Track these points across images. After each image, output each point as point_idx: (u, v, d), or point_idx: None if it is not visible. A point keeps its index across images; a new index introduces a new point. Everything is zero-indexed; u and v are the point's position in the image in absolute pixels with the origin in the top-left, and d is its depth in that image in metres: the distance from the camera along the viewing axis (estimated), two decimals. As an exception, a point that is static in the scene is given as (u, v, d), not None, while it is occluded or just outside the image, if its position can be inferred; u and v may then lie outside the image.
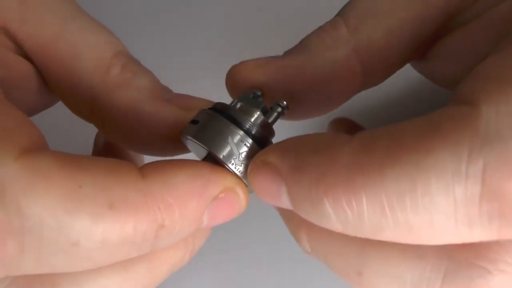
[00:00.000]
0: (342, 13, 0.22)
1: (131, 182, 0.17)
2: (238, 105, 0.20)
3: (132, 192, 0.17)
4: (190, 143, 0.20)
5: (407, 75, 0.27)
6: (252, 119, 0.20)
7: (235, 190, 0.19)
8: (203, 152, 0.20)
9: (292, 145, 0.18)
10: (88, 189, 0.17)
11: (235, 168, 0.19)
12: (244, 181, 0.19)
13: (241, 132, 0.19)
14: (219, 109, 0.20)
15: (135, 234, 0.17)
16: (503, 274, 0.16)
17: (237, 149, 0.19)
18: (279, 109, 0.21)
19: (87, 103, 0.22)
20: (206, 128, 0.19)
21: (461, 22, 0.21)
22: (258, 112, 0.20)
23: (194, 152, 0.22)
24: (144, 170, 0.18)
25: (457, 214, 0.14)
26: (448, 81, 0.23)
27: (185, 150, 0.22)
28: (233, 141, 0.19)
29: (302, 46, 0.22)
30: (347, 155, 0.16)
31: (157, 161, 0.19)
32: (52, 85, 0.23)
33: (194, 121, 0.20)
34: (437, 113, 0.15)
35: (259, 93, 0.21)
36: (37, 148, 0.17)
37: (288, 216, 0.20)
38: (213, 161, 0.19)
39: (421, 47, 0.22)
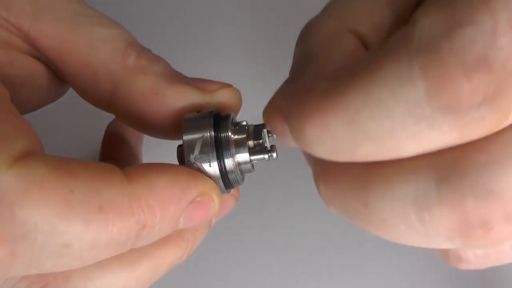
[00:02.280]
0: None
1: (118, 186, 0.18)
2: (242, 125, 0.21)
3: (119, 196, 0.18)
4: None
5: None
6: (238, 159, 0.21)
7: (210, 194, 0.20)
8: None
9: (287, 90, 0.20)
10: (79, 194, 0.17)
11: (187, 163, 0.21)
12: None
13: (217, 169, 0.20)
14: (220, 117, 0.21)
15: (120, 235, 0.18)
16: (495, 164, 0.16)
17: (198, 151, 0.20)
18: (267, 156, 0.21)
19: (106, 93, 0.23)
20: (196, 121, 0.21)
21: None
22: (247, 154, 0.21)
23: None
24: (129, 174, 0.19)
25: (413, 116, 0.15)
26: None
27: None
28: (200, 143, 0.20)
29: (313, 63, 0.21)
30: (319, 86, 0.17)
31: (139, 165, 0.20)
32: (69, 78, 0.24)
33: (197, 118, 0.21)
34: (386, 40, 0.16)
35: (272, 135, 0.22)
36: (30, 154, 0.18)
37: (309, 163, 0.20)
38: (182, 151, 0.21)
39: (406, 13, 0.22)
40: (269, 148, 0.22)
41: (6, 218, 0.16)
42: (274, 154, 0.21)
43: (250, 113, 0.24)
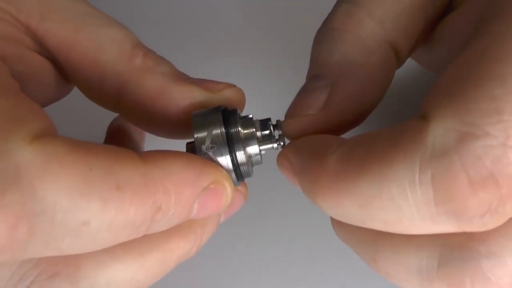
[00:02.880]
0: (357, 3, 0.22)
1: (135, 166, 0.19)
2: (248, 120, 0.22)
3: (136, 176, 0.18)
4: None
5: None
6: (249, 151, 0.22)
7: (223, 183, 0.21)
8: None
9: (302, 145, 0.21)
10: (98, 172, 0.18)
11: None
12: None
13: (230, 163, 0.21)
14: (227, 112, 0.22)
15: (137, 215, 0.18)
16: (494, 255, 0.17)
17: (209, 143, 0.21)
18: (275, 145, 0.22)
19: (113, 93, 0.23)
20: (205, 117, 0.21)
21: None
22: (256, 147, 0.22)
23: None
24: (144, 157, 0.19)
25: (420, 213, 0.17)
26: (440, 67, 0.25)
27: None
28: (210, 137, 0.21)
29: (342, 64, 0.22)
30: (333, 163, 0.19)
31: (155, 150, 0.20)
32: (75, 78, 0.24)
33: (205, 115, 0.22)
34: (400, 126, 0.18)
35: (280, 124, 0.23)
36: (49, 134, 0.18)
37: None
38: (193, 146, 0.21)
39: (431, 26, 0.24)
40: (277, 138, 0.22)
41: (26, 194, 0.16)
42: (282, 143, 0.22)
43: (253, 113, 0.24)
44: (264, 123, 0.22)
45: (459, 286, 0.18)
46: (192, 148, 0.22)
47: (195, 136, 0.21)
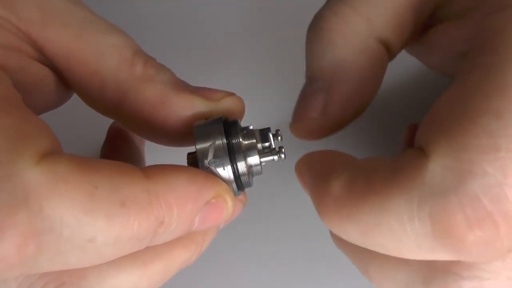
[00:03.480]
0: (344, 1, 0.23)
1: (138, 182, 0.19)
2: (249, 130, 0.22)
3: (140, 192, 0.19)
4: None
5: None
6: (250, 162, 0.22)
7: (224, 197, 0.21)
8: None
9: (311, 161, 0.22)
10: (103, 190, 0.18)
11: (202, 169, 0.21)
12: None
13: (231, 173, 0.21)
14: (229, 123, 0.22)
15: (140, 230, 0.19)
16: (476, 279, 0.18)
17: (212, 156, 0.21)
18: (276, 157, 0.23)
19: (114, 101, 0.23)
20: (206, 128, 0.22)
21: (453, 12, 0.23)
22: (257, 157, 0.22)
23: None
24: (147, 172, 0.20)
25: (418, 244, 0.17)
26: (436, 66, 0.26)
27: None
28: (213, 149, 0.21)
29: (335, 66, 0.23)
30: (336, 189, 0.19)
31: (157, 165, 0.21)
32: (76, 86, 0.24)
33: (206, 126, 0.22)
34: (400, 159, 0.18)
35: (280, 132, 0.23)
36: (54, 152, 0.18)
37: None
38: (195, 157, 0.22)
39: (422, 22, 0.24)
40: (277, 150, 0.23)
41: (34, 213, 0.17)
42: (283, 155, 0.23)
43: (253, 118, 0.25)
44: (265, 134, 0.23)
45: None
46: (194, 160, 0.22)
47: (197, 148, 0.21)
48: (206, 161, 0.21)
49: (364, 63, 0.23)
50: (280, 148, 0.23)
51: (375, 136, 0.33)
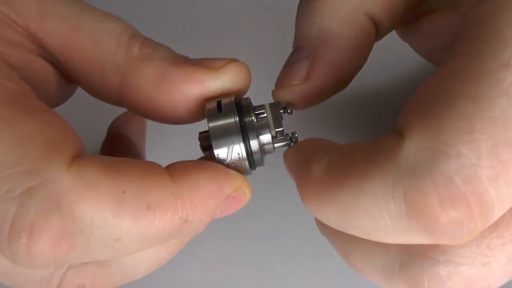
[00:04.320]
0: None
1: (164, 185, 0.20)
2: (261, 111, 0.23)
3: (165, 195, 0.20)
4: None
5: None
6: (262, 140, 0.23)
7: (243, 190, 0.22)
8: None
9: (298, 148, 0.22)
10: (130, 194, 0.19)
11: (215, 149, 0.22)
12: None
13: (243, 151, 0.22)
14: (241, 103, 0.23)
15: (165, 229, 0.20)
16: (451, 264, 0.19)
17: (230, 157, 0.22)
18: (288, 140, 0.23)
19: (115, 86, 0.23)
20: (220, 126, 0.22)
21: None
22: (269, 136, 0.23)
23: None
24: (172, 173, 0.21)
25: (394, 225, 0.18)
26: (426, 54, 0.27)
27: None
28: (232, 150, 0.22)
29: (321, 35, 0.23)
30: (317, 172, 0.20)
31: (180, 163, 0.21)
32: (77, 77, 0.24)
33: (219, 105, 0.22)
34: (378, 142, 0.19)
35: (290, 110, 0.24)
36: (80, 155, 0.19)
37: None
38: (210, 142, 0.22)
39: (412, 7, 0.25)
40: (290, 136, 0.23)
41: (67, 216, 0.18)
42: (296, 135, 0.23)
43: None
44: (277, 116, 0.23)
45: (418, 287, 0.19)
46: (207, 143, 0.22)
47: (210, 129, 0.22)
48: (219, 142, 0.22)
49: (351, 34, 0.23)
50: (293, 133, 0.23)
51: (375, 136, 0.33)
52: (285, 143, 0.23)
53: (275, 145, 0.23)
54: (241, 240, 0.33)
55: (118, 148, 0.30)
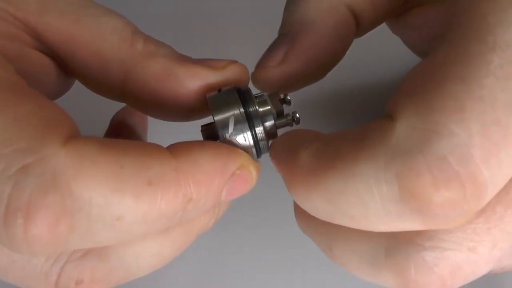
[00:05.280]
0: None
1: (166, 161, 0.19)
2: (261, 98, 0.23)
3: (167, 170, 0.19)
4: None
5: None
6: (262, 114, 0.23)
7: (248, 167, 0.21)
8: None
9: (284, 139, 0.22)
10: (129, 169, 0.18)
11: (222, 140, 0.22)
12: None
13: (245, 121, 0.22)
14: (242, 92, 0.23)
15: (168, 208, 0.19)
16: (437, 249, 0.19)
17: (233, 128, 0.22)
18: (290, 119, 0.23)
19: (118, 81, 0.23)
20: (221, 99, 0.22)
21: None
22: (271, 110, 0.23)
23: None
24: (173, 150, 0.20)
25: (385, 209, 0.17)
26: (415, 47, 0.27)
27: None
28: (233, 120, 0.22)
29: (301, 22, 0.24)
30: (305, 158, 0.20)
31: (181, 142, 0.21)
32: (78, 71, 0.24)
33: (219, 91, 0.22)
34: (368, 126, 0.18)
35: (288, 98, 0.23)
36: (77, 135, 0.19)
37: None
38: (214, 129, 0.22)
39: (399, 3, 0.25)
40: (291, 115, 0.23)
41: (65, 193, 0.17)
42: (297, 115, 0.23)
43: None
44: (276, 100, 0.23)
45: (404, 275, 0.19)
46: (211, 131, 0.22)
47: (216, 119, 0.22)
48: (227, 134, 0.22)
49: (330, 23, 0.24)
50: (294, 112, 0.23)
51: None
52: (287, 123, 0.23)
53: (278, 125, 0.23)
54: (241, 239, 0.33)
55: (126, 129, 0.30)
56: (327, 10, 0.24)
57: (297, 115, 0.23)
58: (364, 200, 0.17)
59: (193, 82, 0.23)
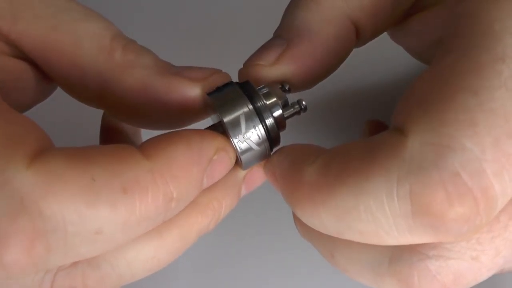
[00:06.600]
0: None
1: (138, 164, 0.19)
2: (264, 91, 0.22)
3: (141, 174, 0.18)
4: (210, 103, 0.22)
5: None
6: (270, 107, 0.22)
7: (225, 149, 0.21)
8: (216, 119, 0.22)
9: (283, 154, 0.22)
10: (100, 180, 0.18)
11: (237, 143, 0.21)
12: (241, 157, 0.21)
13: (256, 118, 0.21)
14: (246, 89, 0.22)
15: (149, 211, 0.18)
16: (441, 258, 0.19)
17: (245, 127, 0.21)
18: (297, 108, 0.22)
19: (95, 91, 0.22)
20: (226, 99, 0.21)
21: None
22: (278, 102, 0.22)
23: (211, 113, 0.23)
24: (144, 150, 0.19)
25: (397, 226, 0.17)
26: (416, 53, 0.27)
27: (195, 120, 0.23)
28: (244, 118, 0.21)
29: (300, 28, 0.23)
30: (310, 175, 0.19)
31: (151, 139, 0.20)
32: (56, 77, 0.23)
33: (219, 88, 0.22)
34: (376, 139, 0.18)
35: (287, 86, 0.23)
36: (44, 150, 0.18)
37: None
38: (222, 130, 0.21)
39: (401, 13, 0.25)
40: (296, 102, 0.23)
41: (34, 215, 0.17)
42: (304, 103, 0.22)
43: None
44: (278, 91, 0.22)
45: (408, 283, 0.19)
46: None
47: (226, 121, 0.21)
48: (240, 134, 0.21)
49: (329, 34, 0.23)
50: (299, 100, 0.23)
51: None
52: (295, 111, 0.22)
53: (287, 116, 0.22)
54: (240, 240, 0.33)
55: (113, 141, 0.29)
56: (329, 21, 0.23)
57: (304, 102, 0.22)
58: (376, 216, 0.17)
59: (170, 96, 0.22)
